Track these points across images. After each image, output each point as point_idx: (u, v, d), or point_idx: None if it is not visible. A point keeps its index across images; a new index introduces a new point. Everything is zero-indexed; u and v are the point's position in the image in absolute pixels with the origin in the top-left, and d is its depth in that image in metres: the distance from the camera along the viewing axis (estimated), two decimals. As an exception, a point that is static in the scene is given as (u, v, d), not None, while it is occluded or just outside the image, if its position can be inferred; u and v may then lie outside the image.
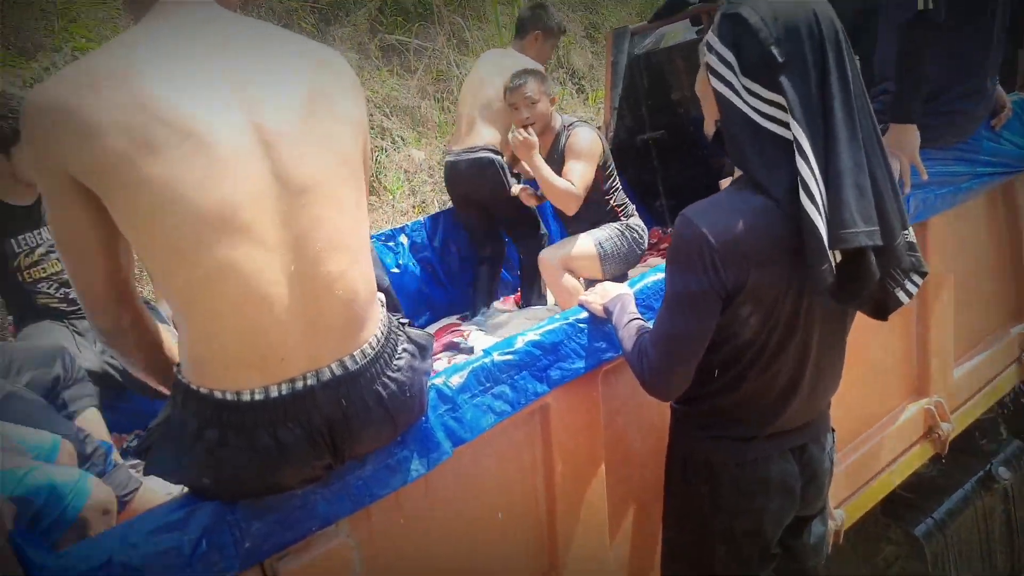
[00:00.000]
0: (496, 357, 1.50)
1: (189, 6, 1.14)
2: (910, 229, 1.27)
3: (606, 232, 3.13)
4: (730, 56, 1.20)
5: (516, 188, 3.35)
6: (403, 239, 3.60)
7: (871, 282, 1.19)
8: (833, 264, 1.17)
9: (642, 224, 3.24)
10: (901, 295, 1.27)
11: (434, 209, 5.34)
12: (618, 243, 3.12)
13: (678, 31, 4.01)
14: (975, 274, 2.57)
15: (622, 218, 3.20)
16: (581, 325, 1.60)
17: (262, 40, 1.18)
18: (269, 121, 1.10)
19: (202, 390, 1.14)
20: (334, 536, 1.31)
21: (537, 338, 1.55)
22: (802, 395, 1.39)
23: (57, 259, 2.57)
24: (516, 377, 1.51)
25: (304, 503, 1.27)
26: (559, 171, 3.04)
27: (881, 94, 2.41)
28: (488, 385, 1.48)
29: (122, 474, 1.95)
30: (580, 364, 1.58)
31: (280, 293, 1.11)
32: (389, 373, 1.24)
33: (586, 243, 3.11)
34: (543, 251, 3.22)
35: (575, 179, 2.99)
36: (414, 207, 5.61)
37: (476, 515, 1.53)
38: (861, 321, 2.04)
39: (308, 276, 1.13)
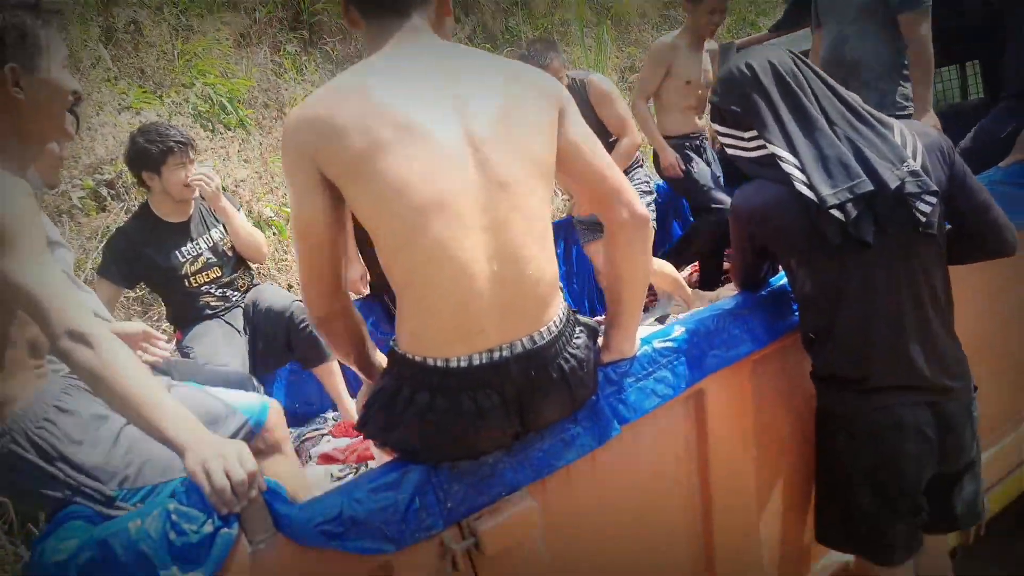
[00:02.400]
0: (656, 345, 1.62)
1: (415, 36, 1.35)
2: (909, 161, 1.53)
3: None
4: (723, 128, 1.69)
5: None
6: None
7: (867, 218, 1.51)
8: (841, 217, 1.49)
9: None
10: (917, 215, 1.52)
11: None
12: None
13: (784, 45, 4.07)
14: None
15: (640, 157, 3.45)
16: (734, 314, 1.70)
17: (470, 60, 1.38)
18: (475, 127, 1.28)
19: (416, 358, 1.32)
20: (520, 500, 1.43)
21: (693, 327, 1.66)
22: (907, 338, 1.57)
23: (218, 266, 2.87)
24: (675, 363, 1.62)
25: (494, 471, 1.41)
26: (587, 115, 3.33)
27: (1009, 96, 2.44)
28: (650, 370, 1.59)
29: None
30: (733, 352, 1.68)
31: (482, 271, 1.27)
32: (570, 350, 1.38)
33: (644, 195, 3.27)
34: None
35: (626, 124, 3.29)
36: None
37: (637, 487, 1.64)
38: (1002, 320, 2.09)
39: (505, 258, 1.29)
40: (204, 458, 1.17)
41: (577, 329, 1.43)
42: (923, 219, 1.52)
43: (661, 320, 3.54)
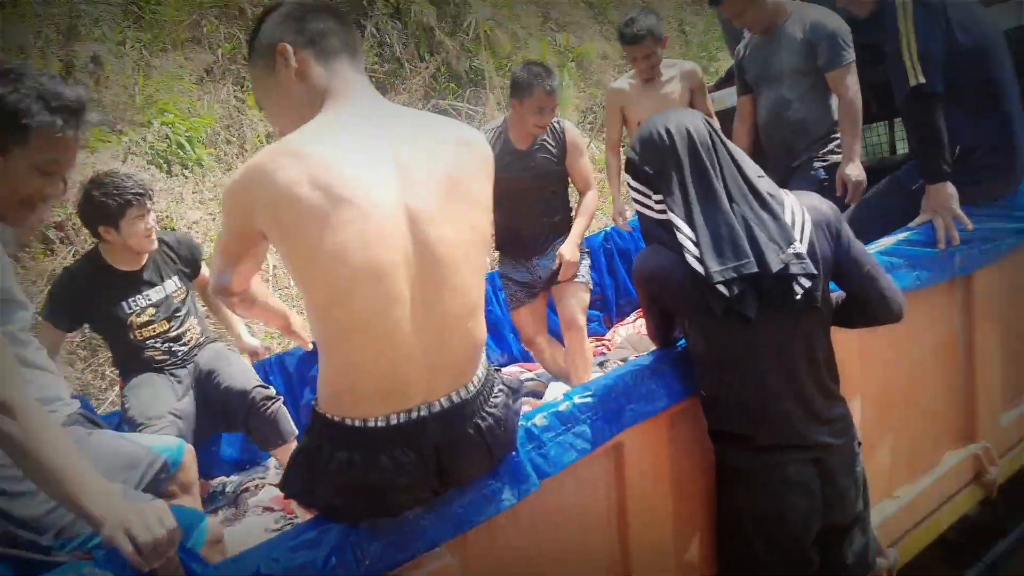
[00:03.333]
0: (576, 400, 1.68)
1: (358, 98, 1.41)
2: (795, 244, 1.62)
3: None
4: (635, 184, 1.75)
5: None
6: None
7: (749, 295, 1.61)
8: (726, 293, 1.59)
9: None
10: (796, 289, 1.62)
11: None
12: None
13: (724, 98, 4.23)
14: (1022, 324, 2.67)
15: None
16: (652, 369, 1.78)
17: (416, 126, 1.44)
18: (415, 201, 1.34)
19: (336, 418, 1.37)
20: (439, 558, 1.48)
21: (611, 382, 1.73)
22: (785, 401, 1.68)
23: (165, 319, 2.84)
24: (594, 418, 1.68)
25: (413, 527, 1.45)
26: (558, 158, 3.32)
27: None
28: (569, 425, 1.66)
29: None
30: (650, 407, 1.75)
31: (408, 341, 1.33)
32: (488, 408, 1.45)
33: (583, 290, 3.35)
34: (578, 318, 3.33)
35: (591, 179, 3.37)
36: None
37: (558, 542, 1.68)
38: (911, 370, 2.20)
39: (433, 329, 1.35)
40: (123, 520, 1.20)
41: (496, 388, 1.49)
42: (799, 297, 1.62)
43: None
